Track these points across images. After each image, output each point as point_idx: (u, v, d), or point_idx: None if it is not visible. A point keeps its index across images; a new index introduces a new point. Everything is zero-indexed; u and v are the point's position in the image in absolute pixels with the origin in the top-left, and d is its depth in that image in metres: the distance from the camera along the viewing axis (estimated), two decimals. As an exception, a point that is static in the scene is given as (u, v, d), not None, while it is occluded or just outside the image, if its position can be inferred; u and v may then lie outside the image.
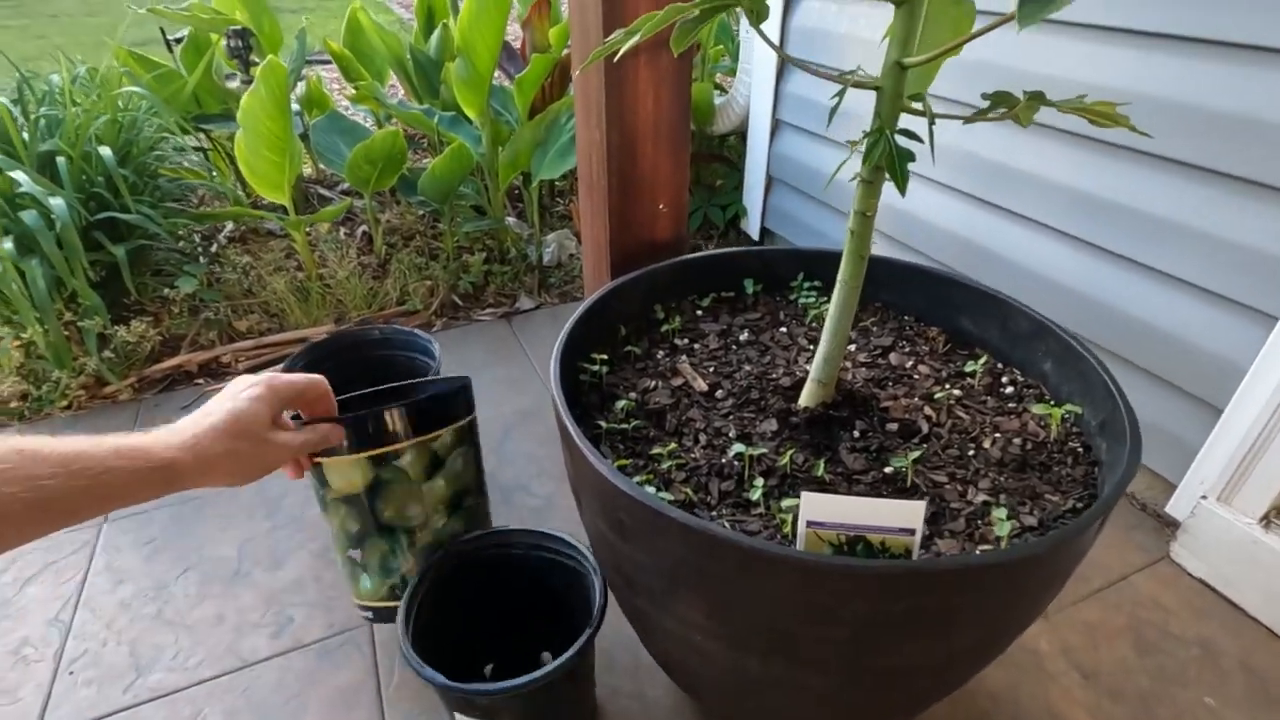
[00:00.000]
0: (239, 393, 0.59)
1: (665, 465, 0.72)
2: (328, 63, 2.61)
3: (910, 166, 0.60)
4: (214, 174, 2.09)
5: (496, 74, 1.85)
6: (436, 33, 2.12)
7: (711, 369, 0.87)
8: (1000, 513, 0.64)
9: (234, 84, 2.02)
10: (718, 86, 2.29)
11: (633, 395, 0.82)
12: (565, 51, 1.98)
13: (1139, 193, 1.13)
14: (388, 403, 0.79)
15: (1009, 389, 0.84)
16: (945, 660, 0.64)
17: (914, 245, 1.60)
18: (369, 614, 0.91)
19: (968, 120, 0.60)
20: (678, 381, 0.85)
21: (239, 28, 1.94)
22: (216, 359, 1.66)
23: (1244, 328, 1.04)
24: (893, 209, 1.59)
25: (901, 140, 0.60)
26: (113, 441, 0.49)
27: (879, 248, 1.72)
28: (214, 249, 1.91)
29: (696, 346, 0.92)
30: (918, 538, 0.56)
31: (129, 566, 1.17)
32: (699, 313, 0.99)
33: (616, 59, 0.71)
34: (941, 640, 0.60)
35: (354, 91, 2.18)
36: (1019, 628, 0.67)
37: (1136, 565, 1.15)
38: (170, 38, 2.21)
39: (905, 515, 0.55)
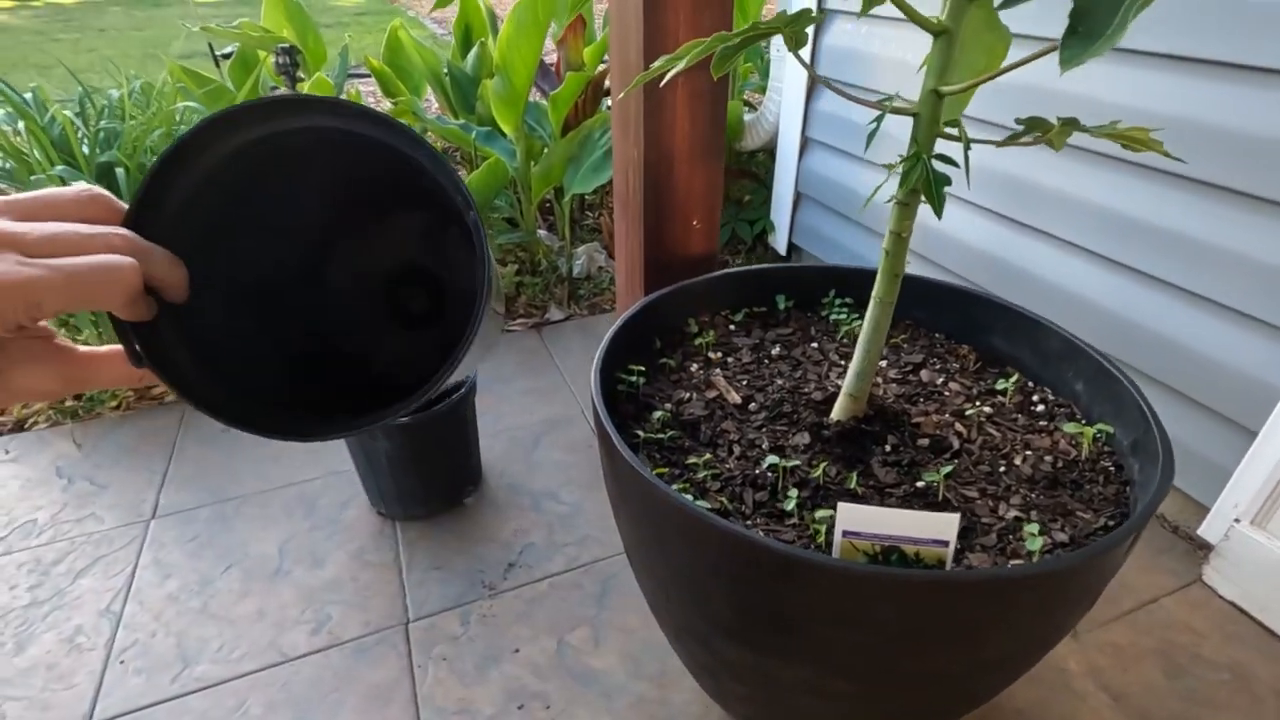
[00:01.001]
0: None
1: (701, 475, 0.74)
2: (366, 76, 2.69)
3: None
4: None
5: (531, 90, 1.89)
6: (474, 50, 2.18)
7: (744, 382, 0.89)
8: (1032, 528, 0.66)
9: (279, 98, 2.10)
10: (747, 104, 2.33)
11: (668, 406, 0.85)
12: (599, 69, 2.03)
13: (1174, 215, 1.13)
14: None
15: (1040, 407, 0.85)
16: (974, 671, 0.65)
17: (945, 264, 1.61)
18: None
19: (1000, 144, 0.62)
20: (712, 394, 0.87)
21: (286, 45, 2.02)
22: (258, 363, 1.72)
23: (1279, 350, 1.03)
24: (924, 228, 1.60)
25: (938, 165, 0.62)
26: None
27: (910, 266, 1.73)
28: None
29: (730, 360, 0.94)
30: (951, 549, 0.58)
31: (175, 562, 1.21)
32: (732, 327, 1.02)
33: (660, 84, 0.74)
34: (971, 651, 0.61)
35: (392, 106, 2.24)
36: (1049, 642, 0.68)
37: (1168, 588, 1.14)
38: (218, 54, 2.31)
39: (939, 527, 0.57)
